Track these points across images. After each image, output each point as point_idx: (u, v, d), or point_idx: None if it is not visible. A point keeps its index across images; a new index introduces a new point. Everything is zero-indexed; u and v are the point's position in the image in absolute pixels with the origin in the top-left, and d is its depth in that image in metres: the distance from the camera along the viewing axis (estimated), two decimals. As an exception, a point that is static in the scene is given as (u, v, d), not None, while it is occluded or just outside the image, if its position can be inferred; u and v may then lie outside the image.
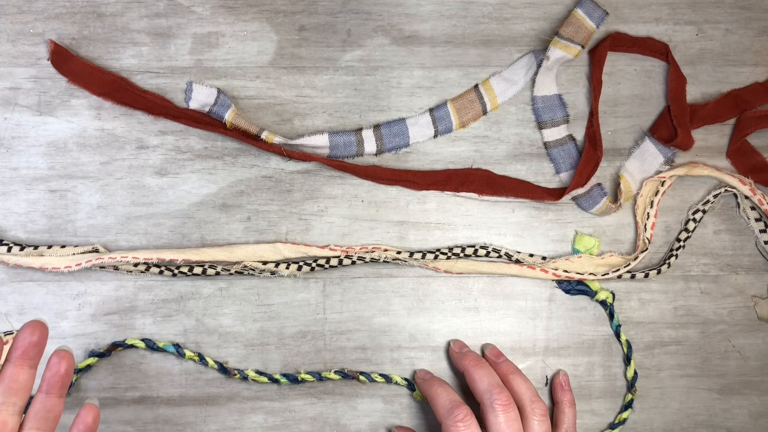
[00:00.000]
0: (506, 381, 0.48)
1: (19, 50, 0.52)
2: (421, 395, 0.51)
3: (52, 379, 0.38)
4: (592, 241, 0.53)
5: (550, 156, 0.54)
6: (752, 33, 0.55)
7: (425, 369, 0.52)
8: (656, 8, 0.54)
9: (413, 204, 0.53)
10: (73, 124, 0.52)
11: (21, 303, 0.51)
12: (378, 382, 0.51)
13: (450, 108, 0.53)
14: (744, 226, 0.54)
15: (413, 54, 0.53)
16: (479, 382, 0.47)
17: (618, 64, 0.54)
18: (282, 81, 0.53)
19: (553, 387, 0.52)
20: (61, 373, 0.38)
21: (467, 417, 0.45)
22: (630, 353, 0.52)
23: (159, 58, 0.52)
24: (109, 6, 0.52)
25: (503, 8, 0.54)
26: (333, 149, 0.52)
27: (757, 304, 0.53)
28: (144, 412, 0.51)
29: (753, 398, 0.53)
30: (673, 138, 0.53)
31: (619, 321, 0.53)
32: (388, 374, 0.51)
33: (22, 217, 0.51)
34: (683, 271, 0.53)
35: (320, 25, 0.53)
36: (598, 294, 0.52)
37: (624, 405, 0.52)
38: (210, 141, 0.52)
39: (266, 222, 0.52)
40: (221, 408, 0.52)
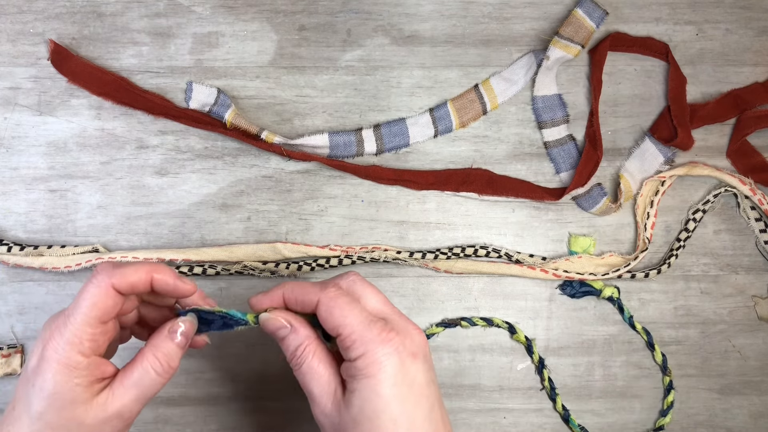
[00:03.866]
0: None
1: (19, 50, 0.52)
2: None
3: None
4: (587, 241, 0.53)
5: (550, 156, 0.54)
6: (752, 33, 0.55)
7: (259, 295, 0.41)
8: (656, 8, 0.54)
9: (413, 204, 0.53)
10: (73, 124, 0.52)
11: (21, 303, 0.51)
12: (479, 325, 0.52)
13: (450, 108, 0.53)
14: (744, 225, 0.54)
15: (413, 54, 0.53)
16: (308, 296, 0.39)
17: (618, 64, 0.54)
18: (282, 81, 0.53)
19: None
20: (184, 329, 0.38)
21: (340, 287, 0.38)
22: (651, 339, 0.52)
23: (159, 57, 0.52)
24: (109, 6, 0.52)
25: (503, 8, 0.54)
26: (333, 149, 0.52)
27: (757, 304, 0.53)
28: (144, 412, 0.51)
29: (753, 398, 0.53)
30: (673, 138, 0.53)
31: (630, 312, 0.53)
32: (490, 318, 0.52)
33: (22, 217, 0.51)
34: (683, 271, 0.53)
35: (320, 25, 0.53)
36: (603, 292, 0.52)
37: (666, 388, 0.52)
38: (210, 141, 0.52)
39: (266, 222, 0.52)
40: (221, 408, 0.52)
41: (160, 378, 0.37)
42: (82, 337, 0.35)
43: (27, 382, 0.36)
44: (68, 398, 0.35)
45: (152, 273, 0.37)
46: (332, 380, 0.37)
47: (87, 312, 0.35)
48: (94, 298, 0.35)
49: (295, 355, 0.38)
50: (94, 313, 0.35)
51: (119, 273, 0.36)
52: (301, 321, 0.38)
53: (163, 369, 0.37)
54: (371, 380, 0.35)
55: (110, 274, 0.36)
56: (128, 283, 0.36)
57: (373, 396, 0.35)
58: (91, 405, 0.35)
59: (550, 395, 0.52)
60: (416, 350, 0.36)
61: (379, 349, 0.35)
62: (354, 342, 0.36)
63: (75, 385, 0.35)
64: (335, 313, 0.36)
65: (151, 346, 0.37)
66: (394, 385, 0.35)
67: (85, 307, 0.35)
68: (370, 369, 0.35)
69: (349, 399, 0.36)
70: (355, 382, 0.36)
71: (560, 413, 0.52)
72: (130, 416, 0.37)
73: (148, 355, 0.37)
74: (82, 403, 0.35)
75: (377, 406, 0.35)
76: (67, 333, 0.35)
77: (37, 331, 0.51)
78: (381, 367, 0.35)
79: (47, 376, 0.35)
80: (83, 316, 0.35)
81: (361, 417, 0.35)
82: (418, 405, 0.36)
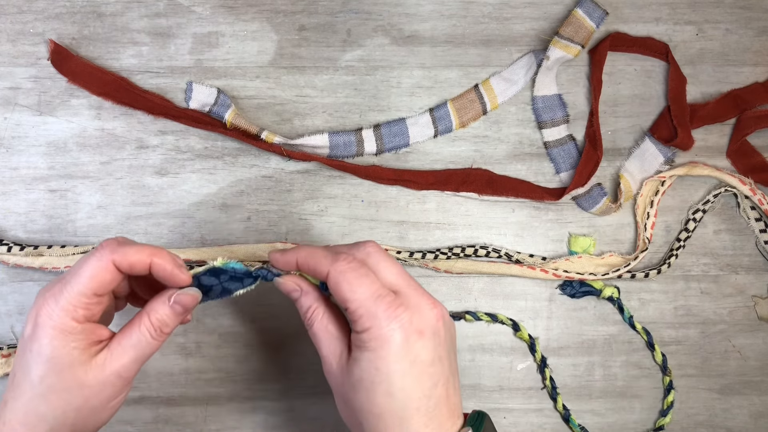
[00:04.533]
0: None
1: (19, 50, 0.52)
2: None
3: (180, 298, 0.38)
4: (587, 241, 0.53)
5: (550, 156, 0.54)
6: (752, 33, 0.55)
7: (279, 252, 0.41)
8: (656, 8, 0.54)
9: (413, 204, 0.53)
10: (73, 124, 0.52)
11: (21, 303, 0.51)
12: (483, 320, 0.52)
13: (450, 108, 0.53)
14: (744, 225, 0.54)
15: (413, 54, 0.53)
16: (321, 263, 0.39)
17: (618, 64, 0.54)
18: (282, 81, 0.53)
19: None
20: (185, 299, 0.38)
21: (354, 258, 0.38)
22: (651, 339, 0.52)
23: (159, 57, 0.52)
24: (109, 6, 0.52)
25: (503, 8, 0.54)
26: (333, 149, 0.52)
27: (757, 304, 0.53)
28: (144, 412, 0.51)
29: (753, 398, 0.53)
30: (673, 138, 0.53)
31: (630, 312, 0.53)
32: (494, 313, 0.52)
33: (22, 217, 0.51)
34: (683, 271, 0.53)
35: (320, 25, 0.53)
36: (603, 291, 0.52)
37: (666, 388, 0.52)
38: (210, 141, 0.52)
39: (266, 222, 0.52)
40: (221, 408, 0.52)
41: (155, 341, 0.38)
42: (77, 305, 0.36)
43: (24, 349, 0.37)
44: (66, 361, 0.36)
45: (152, 257, 0.37)
46: (339, 343, 0.38)
47: (85, 283, 0.36)
48: (94, 271, 0.36)
49: (306, 316, 0.39)
50: (92, 285, 0.36)
51: (122, 251, 0.37)
52: (311, 285, 0.39)
53: (157, 333, 0.38)
54: (373, 354, 0.36)
55: (113, 251, 0.37)
56: (129, 263, 0.37)
57: (372, 369, 0.36)
58: (89, 366, 0.37)
59: (551, 394, 0.52)
60: (423, 327, 0.36)
61: (384, 324, 0.35)
62: (360, 317, 0.36)
63: (72, 348, 0.36)
64: (343, 288, 0.36)
65: (148, 310, 0.38)
66: (395, 361, 0.35)
67: (83, 278, 0.36)
68: (374, 343, 0.36)
69: (351, 366, 0.37)
70: (358, 352, 0.36)
71: (561, 413, 0.52)
72: (128, 376, 0.38)
73: (144, 319, 0.38)
74: (80, 365, 0.36)
75: (375, 378, 0.35)
76: (63, 300, 0.36)
77: (37, 331, 0.51)
78: (384, 342, 0.35)
79: (44, 342, 0.36)
80: (80, 287, 0.36)
81: (359, 386, 0.36)
82: (419, 382, 0.36)
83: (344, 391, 0.37)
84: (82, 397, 0.37)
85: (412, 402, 0.36)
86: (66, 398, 0.36)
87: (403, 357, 0.35)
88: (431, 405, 0.36)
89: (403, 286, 0.38)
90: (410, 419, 0.36)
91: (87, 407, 0.37)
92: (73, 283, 0.36)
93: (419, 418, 0.36)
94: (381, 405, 0.36)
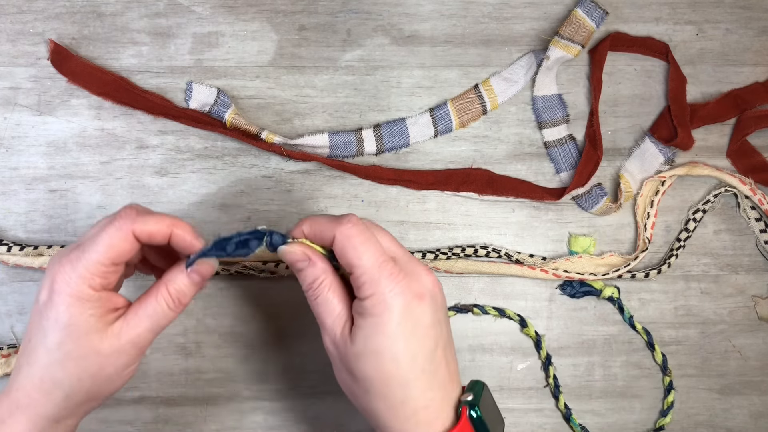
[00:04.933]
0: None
1: (19, 50, 0.52)
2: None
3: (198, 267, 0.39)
4: (587, 241, 0.53)
5: (550, 156, 0.54)
6: (752, 33, 0.55)
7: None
8: (656, 8, 0.54)
9: (413, 204, 0.53)
10: (73, 124, 0.52)
11: (21, 303, 0.51)
12: (491, 314, 0.52)
13: (450, 108, 0.53)
14: (744, 225, 0.54)
15: (413, 54, 0.53)
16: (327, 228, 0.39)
17: (618, 63, 0.54)
18: (282, 81, 0.53)
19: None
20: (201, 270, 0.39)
21: (358, 220, 0.38)
22: (651, 339, 0.52)
23: (159, 57, 0.52)
24: (109, 6, 0.52)
25: (503, 8, 0.54)
26: (333, 149, 0.52)
27: (758, 304, 0.53)
28: (144, 412, 0.51)
29: (753, 398, 0.53)
30: (673, 138, 0.53)
31: (630, 312, 0.53)
32: (502, 308, 0.52)
33: (22, 217, 0.51)
34: (683, 271, 0.53)
35: (320, 24, 0.53)
36: (603, 292, 0.52)
37: (666, 388, 0.52)
38: (210, 141, 0.52)
39: (266, 222, 0.52)
40: (221, 408, 0.52)
41: (171, 312, 0.38)
42: (94, 273, 0.36)
43: (40, 314, 0.37)
44: (83, 329, 0.36)
45: (172, 227, 0.38)
46: (343, 314, 0.38)
47: (103, 252, 0.36)
48: (113, 240, 0.36)
49: (312, 287, 0.39)
50: (110, 254, 0.36)
51: (141, 221, 0.37)
52: (318, 255, 0.39)
53: (175, 303, 0.38)
54: (377, 319, 0.36)
55: (133, 220, 0.37)
56: (148, 233, 0.37)
57: (377, 334, 0.36)
58: (105, 334, 0.37)
59: (554, 393, 0.52)
60: (423, 292, 0.37)
61: (387, 290, 0.36)
62: (365, 283, 0.37)
63: (89, 316, 0.36)
64: (349, 252, 0.37)
65: (166, 280, 0.38)
66: (398, 324, 0.36)
67: (102, 246, 0.36)
68: (377, 309, 0.36)
69: (355, 334, 0.37)
70: (362, 320, 0.37)
71: (562, 411, 0.52)
72: (143, 345, 0.38)
73: (161, 289, 0.38)
74: (96, 333, 0.37)
75: (381, 343, 0.36)
76: (80, 267, 0.36)
77: (37, 331, 0.51)
78: (387, 307, 0.36)
79: (61, 309, 0.36)
80: (98, 255, 0.36)
81: (365, 351, 0.37)
82: (421, 344, 0.37)
83: (348, 360, 0.38)
84: (98, 365, 0.37)
85: (416, 364, 0.37)
86: (82, 365, 0.37)
87: (405, 321, 0.36)
88: (433, 368, 0.37)
89: (399, 254, 0.39)
90: (415, 381, 0.37)
91: (102, 375, 0.37)
92: (91, 252, 0.36)
93: (423, 381, 0.37)
94: (387, 370, 0.36)
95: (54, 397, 0.37)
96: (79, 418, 0.39)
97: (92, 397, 0.38)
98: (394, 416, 0.37)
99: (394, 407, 0.37)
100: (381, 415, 0.37)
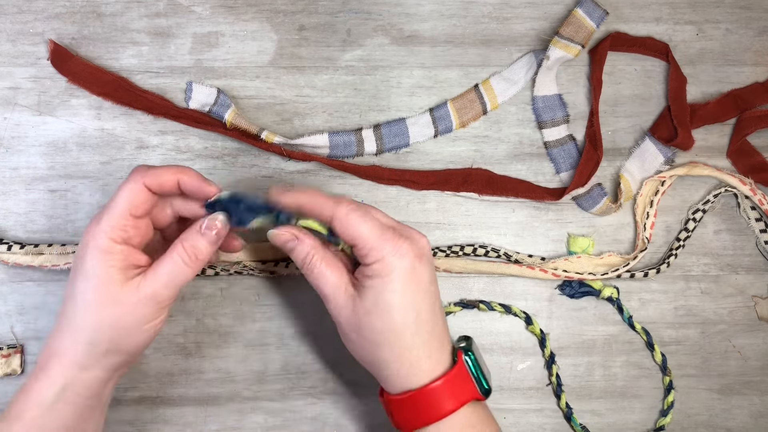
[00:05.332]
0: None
1: (19, 50, 0.52)
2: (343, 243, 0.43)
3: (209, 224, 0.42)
4: (586, 241, 0.53)
5: (550, 156, 0.54)
6: (752, 33, 0.55)
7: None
8: (656, 8, 0.54)
9: (413, 204, 0.53)
10: (73, 124, 0.52)
11: (21, 303, 0.51)
12: (497, 311, 0.52)
13: (450, 108, 0.53)
14: (744, 226, 0.54)
15: (413, 54, 0.53)
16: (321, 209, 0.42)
17: (618, 63, 0.54)
18: (282, 81, 0.53)
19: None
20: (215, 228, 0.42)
21: (353, 200, 0.42)
22: (650, 339, 0.52)
23: (159, 57, 0.52)
24: (109, 6, 0.52)
25: (503, 8, 0.54)
26: (333, 149, 0.52)
27: (758, 304, 0.53)
28: (144, 412, 0.51)
29: (753, 398, 0.53)
30: (673, 138, 0.53)
31: (630, 312, 0.53)
32: (508, 305, 0.53)
33: (22, 217, 0.51)
34: (683, 271, 0.53)
35: (320, 24, 0.53)
36: (602, 292, 0.52)
37: (666, 388, 0.52)
38: (210, 141, 0.52)
39: (266, 222, 0.52)
40: (221, 408, 0.52)
41: (188, 268, 0.41)
42: (114, 226, 0.40)
43: (74, 266, 0.41)
44: (104, 278, 0.40)
45: (178, 174, 0.41)
46: (341, 279, 0.42)
47: (120, 205, 0.40)
48: (127, 194, 0.40)
49: (305, 263, 0.42)
50: (126, 206, 0.40)
51: (151, 173, 0.41)
52: (305, 233, 0.43)
53: (191, 259, 0.41)
54: (385, 279, 0.41)
55: (143, 174, 0.41)
56: (158, 183, 0.41)
57: (386, 291, 0.40)
58: (125, 286, 0.40)
59: (556, 391, 0.52)
60: (421, 252, 0.42)
61: (391, 254, 0.41)
62: (370, 250, 0.41)
63: (109, 266, 0.40)
64: (351, 228, 0.41)
65: (181, 239, 0.41)
66: (405, 282, 0.41)
67: (119, 200, 0.40)
68: (384, 270, 0.40)
69: (363, 293, 0.41)
70: (369, 281, 0.41)
71: (563, 410, 0.52)
72: (163, 301, 0.41)
73: (177, 246, 0.41)
74: (117, 284, 0.40)
75: (390, 299, 0.40)
76: (102, 222, 0.40)
77: (36, 331, 0.51)
78: (393, 268, 0.40)
79: (87, 260, 0.40)
80: (117, 209, 0.40)
81: (375, 308, 0.41)
82: (424, 299, 0.42)
83: (356, 320, 0.41)
84: (116, 315, 0.40)
85: (421, 316, 0.41)
86: (102, 313, 0.40)
87: (410, 279, 0.41)
88: (433, 320, 0.42)
89: (394, 223, 0.43)
90: (419, 331, 0.41)
91: (121, 326, 0.40)
92: (111, 207, 0.40)
93: (425, 331, 0.42)
94: (397, 321, 0.41)
95: (80, 343, 0.40)
96: (106, 371, 0.41)
97: (115, 347, 0.41)
98: (401, 363, 0.41)
99: (401, 355, 0.41)
100: (388, 364, 0.42)
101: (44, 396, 0.40)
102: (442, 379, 0.41)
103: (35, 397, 0.40)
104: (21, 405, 0.40)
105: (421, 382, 0.41)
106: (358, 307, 0.41)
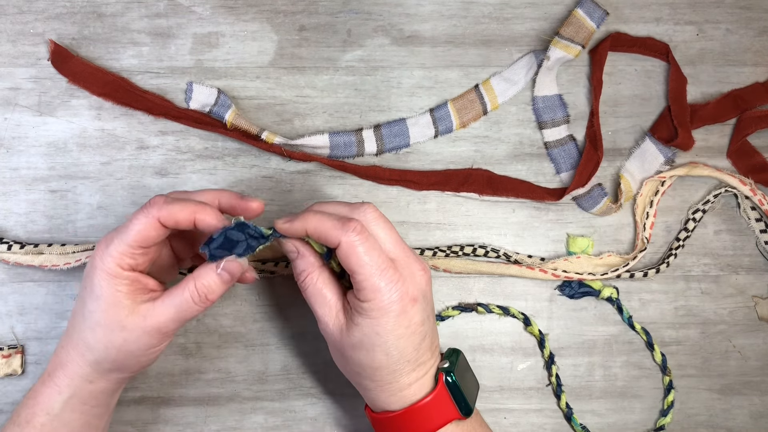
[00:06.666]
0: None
1: (19, 50, 0.52)
2: (337, 264, 0.44)
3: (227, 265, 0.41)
4: (585, 241, 0.53)
5: (550, 156, 0.54)
6: (752, 33, 0.55)
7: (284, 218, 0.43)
8: (656, 8, 0.54)
9: (413, 204, 0.53)
10: (73, 125, 0.52)
11: (21, 303, 0.51)
12: (495, 313, 0.52)
13: (450, 108, 0.53)
14: (744, 226, 0.54)
15: (413, 54, 0.53)
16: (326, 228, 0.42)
17: (618, 64, 0.54)
18: (282, 81, 0.53)
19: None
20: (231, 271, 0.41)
21: (362, 227, 0.40)
22: (650, 338, 0.52)
23: (159, 58, 0.52)
24: (109, 6, 0.52)
25: (503, 8, 0.54)
26: (333, 149, 0.52)
27: (758, 304, 0.53)
28: (144, 412, 0.51)
29: (753, 398, 0.53)
30: (673, 138, 0.53)
31: (629, 312, 0.53)
32: (506, 306, 0.53)
33: (23, 217, 0.51)
34: (684, 271, 0.53)
35: (320, 25, 0.53)
36: (602, 292, 0.52)
37: (666, 388, 0.52)
38: (210, 141, 0.52)
39: (266, 223, 0.52)
40: (221, 408, 0.52)
41: (197, 306, 0.41)
42: (123, 254, 0.40)
43: (83, 285, 0.42)
44: (111, 302, 0.40)
45: (195, 214, 0.40)
46: (334, 305, 0.42)
47: (132, 236, 0.40)
48: (140, 226, 0.40)
49: (300, 278, 0.43)
50: (137, 238, 0.40)
51: (167, 209, 0.40)
52: (308, 249, 0.43)
53: (200, 299, 0.41)
54: (375, 321, 0.40)
55: (159, 209, 0.40)
56: (174, 220, 0.40)
57: (372, 333, 0.40)
58: (132, 313, 0.40)
59: (556, 392, 0.52)
60: (417, 294, 0.41)
61: (386, 298, 0.40)
62: (365, 288, 0.40)
63: (116, 291, 0.40)
64: (352, 260, 0.40)
65: (195, 275, 0.41)
66: (393, 328, 0.40)
67: (131, 231, 0.40)
68: (376, 313, 0.40)
69: (351, 329, 0.41)
70: (359, 318, 0.41)
71: (563, 411, 0.52)
72: (166, 332, 0.41)
73: (190, 284, 0.41)
74: (123, 309, 0.40)
75: (375, 341, 0.41)
76: (112, 248, 0.40)
77: (37, 332, 0.51)
78: (385, 312, 0.40)
79: (95, 281, 0.40)
80: (128, 239, 0.40)
81: (360, 344, 0.41)
82: (411, 341, 0.41)
83: (342, 348, 0.42)
84: (122, 339, 0.40)
85: (405, 356, 0.41)
86: (108, 336, 0.40)
87: (400, 324, 0.41)
88: (418, 356, 0.42)
89: (399, 254, 0.42)
90: (402, 368, 0.42)
91: (125, 349, 0.41)
92: (122, 235, 0.40)
93: (409, 367, 0.42)
94: (379, 361, 0.41)
95: (86, 359, 0.41)
96: (111, 384, 0.43)
97: (119, 367, 0.42)
98: (382, 391, 0.42)
99: (382, 386, 0.42)
100: (370, 390, 0.43)
101: (52, 403, 0.41)
102: (421, 402, 0.42)
103: (43, 404, 0.41)
104: (30, 410, 0.42)
105: (401, 405, 0.42)
106: (344, 339, 0.42)
